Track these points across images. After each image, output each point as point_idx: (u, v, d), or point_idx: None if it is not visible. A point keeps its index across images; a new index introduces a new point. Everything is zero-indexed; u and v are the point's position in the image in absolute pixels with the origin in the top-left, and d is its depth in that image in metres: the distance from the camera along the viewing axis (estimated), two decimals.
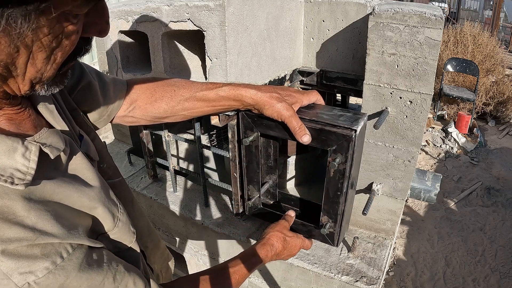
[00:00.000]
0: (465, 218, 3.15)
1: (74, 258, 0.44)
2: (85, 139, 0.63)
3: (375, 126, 0.98)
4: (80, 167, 0.53)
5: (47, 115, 0.53)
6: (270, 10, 1.13)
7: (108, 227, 0.54)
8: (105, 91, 0.75)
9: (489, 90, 4.72)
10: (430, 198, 1.24)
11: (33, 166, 0.42)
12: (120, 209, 0.57)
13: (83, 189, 0.50)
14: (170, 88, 0.81)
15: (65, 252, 0.43)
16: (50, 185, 0.45)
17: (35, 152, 0.43)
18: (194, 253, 1.50)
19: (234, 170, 1.18)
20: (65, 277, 0.42)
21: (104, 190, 0.55)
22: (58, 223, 0.43)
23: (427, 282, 2.56)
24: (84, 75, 0.71)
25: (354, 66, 1.28)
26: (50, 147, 0.46)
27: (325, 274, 1.13)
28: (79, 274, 0.44)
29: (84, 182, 0.52)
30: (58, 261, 0.42)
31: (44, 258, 0.41)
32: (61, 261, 0.42)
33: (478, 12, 10.50)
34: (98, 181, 0.54)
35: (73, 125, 0.62)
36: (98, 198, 0.52)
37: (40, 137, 0.45)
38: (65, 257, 0.43)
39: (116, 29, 1.22)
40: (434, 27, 0.91)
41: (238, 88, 0.79)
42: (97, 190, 0.53)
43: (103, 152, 0.72)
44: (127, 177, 1.63)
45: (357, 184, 1.13)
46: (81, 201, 0.49)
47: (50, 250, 0.42)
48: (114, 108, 0.78)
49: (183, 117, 0.84)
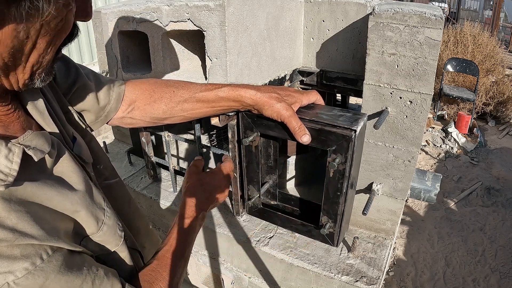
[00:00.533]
0: (465, 218, 3.14)
1: (54, 260, 0.44)
2: (78, 141, 0.63)
3: (375, 126, 0.98)
4: (67, 170, 0.53)
5: (37, 117, 0.54)
6: (270, 10, 1.13)
7: (92, 230, 0.54)
8: (101, 92, 0.75)
9: (489, 90, 4.72)
10: (430, 198, 1.24)
11: (15, 167, 0.42)
12: (107, 212, 0.57)
13: (66, 193, 0.50)
14: (169, 89, 0.81)
15: (45, 253, 0.43)
16: (32, 187, 0.45)
17: (18, 154, 0.43)
18: (194, 253, 1.50)
19: (234, 170, 1.18)
20: (44, 278, 0.43)
21: (89, 194, 0.55)
22: (38, 225, 0.43)
23: (427, 282, 2.56)
24: (79, 76, 0.71)
25: (354, 66, 1.28)
26: (34, 149, 0.46)
27: (325, 274, 1.13)
28: (58, 276, 0.44)
29: (69, 186, 0.52)
30: (37, 262, 0.42)
31: (23, 259, 0.41)
32: (41, 263, 0.43)
33: (478, 12, 10.50)
34: (84, 185, 0.54)
35: (66, 127, 0.62)
36: (82, 202, 0.52)
37: (24, 140, 0.46)
38: (45, 259, 0.43)
39: (116, 29, 1.22)
40: (434, 27, 0.91)
41: (238, 89, 0.78)
42: (81, 194, 0.53)
43: (100, 154, 0.72)
44: (127, 177, 1.63)
45: (357, 184, 1.13)
46: (63, 204, 0.49)
47: (30, 251, 0.42)
48: (111, 109, 0.77)
49: (182, 119, 0.84)
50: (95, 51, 1.62)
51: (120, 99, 0.79)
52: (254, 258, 1.28)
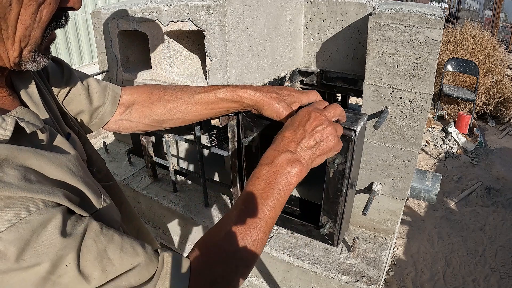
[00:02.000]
0: (465, 218, 3.15)
1: (45, 213, 0.40)
2: (72, 137, 0.63)
3: (375, 126, 0.98)
4: (62, 147, 0.52)
5: (32, 106, 0.55)
6: (270, 10, 1.13)
7: (95, 204, 0.51)
8: (95, 94, 0.75)
9: (489, 90, 4.72)
10: (430, 198, 1.24)
11: (8, 134, 0.43)
12: (102, 194, 0.55)
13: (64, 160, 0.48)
14: (168, 91, 0.81)
15: (34, 206, 0.40)
16: (27, 149, 0.43)
17: (11, 123, 0.44)
18: None
19: (234, 170, 1.18)
20: (31, 231, 0.39)
21: (85, 171, 0.53)
22: (29, 181, 0.40)
23: (427, 282, 2.56)
24: (72, 78, 0.72)
25: (354, 66, 1.28)
26: (26, 122, 0.46)
27: (325, 274, 1.13)
28: (47, 229, 0.40)
29: (66, 156, 0.49)
30: (23, 215, 0.38)
31: (6, 209, 0.38)
32: (27, 215, 0.39)
33: (478, 12, 10.49)
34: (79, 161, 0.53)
35: (61, 124, 0.62)
36: (78, 174, 0.49)
37: (17, 113, 0.48)
38: (33, 212, 0.39)
39: (116, 29, 1.22)
40: (434, 27, 0.90)
41: (237, 89, 0.79)
42: (79, 168, 0.51)
43: (94, 156, 0.72)
44: (127, 177, 1.63)
45: (357, 184, 1.13)
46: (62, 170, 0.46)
47: (15, 202, 0.38)
48: (106, 111, 0.77)
49: (182, 121, 0.84)
50: (95, 51, 1.62)
51: (116, 102, 0.79)
52: None
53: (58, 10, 0.48)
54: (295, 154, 0.60)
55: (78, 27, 4.74)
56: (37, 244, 0.39)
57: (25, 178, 0.40)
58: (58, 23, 0.49)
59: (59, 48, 4.57)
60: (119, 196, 0.80)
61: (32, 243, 0.39)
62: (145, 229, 0.90)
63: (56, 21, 0.49)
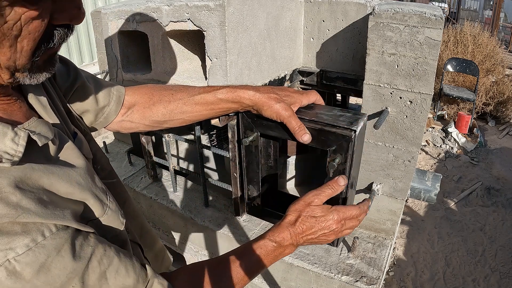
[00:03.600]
0: (465, 218, 3.14)
1: (58, 237, 0.44)
2: (78, 136, 0.63)
3: (375, 126, 0.98)
4: (71, 156, 0.54)
5: (40, 109, 0.55)
6: (270, 10, 1.13)
7: (98, 214, 0.54)
8: (100, 94, 0.76)
9: (489, 90, 4.72)
10: (430, 198, 1.24)
11: (21, 150, 0.44)
12: (109, 197, 0.57)
13: (73, 175, 0.50)
14: (168, 92, 0.82)
15: (48, 231, 0.43)
16: (39, 167, 0.45)
17: (24, 137, 0.45)
18: (194, 253, 1.50)
19: (234, 170, 1.18)
20: (46, 255, 0.42)
21: (93, 178, 0.55)
22: (43, 203, 0.43)
23: (427, 282, 2.56)
24: (78, 77, 0.72)
25: (354, 66, 1.28)
26: (38, 135, 0.47)
27: (325, 274, 1.13)
28: (60, 254, 0.44)
29: (75, 169, 0.52)
30: (39, 239, 0.42)
31: (24, 235, 0.41)
32: (42, 240, 0.42)
33: (478, 12, 10.49)
34: (88, 169, 0.55)
35: (67, 123, 0.63)
36: (87, 186, 0.52)
37: (29, 125, 0.48)
38: (47, 236, 0.43)
39: (116, 29, 1.22)
40: (434, 27, 0.90)
41: (236, 90, 0.79)
42: (86, 177, 0.53)
43: (98, 154, 0.73)
44: (127, 177, 1.63)
45: (357, 184, 1.13)
46: (71, 186, 0.49)
47: (32, 228, 0.42)
48: (111, 111, 0.78)
49: (182, 122, 0.84)
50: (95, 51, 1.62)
51: (121, 102, 0.79)
52: None
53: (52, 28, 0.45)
54: (297, 246, 0.71)
55: (78, 27, 4.74)
56: (51, 267, 0.43)
57: (39, 201, 0.43)
58: (51, 43, 0.46)
59: None
60: (123, 193, 0.80)
61: (46, 265, 0.42)
62: (148, 226, 0.90)
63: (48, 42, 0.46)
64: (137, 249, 0.72)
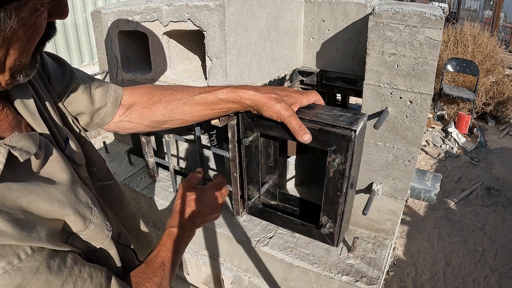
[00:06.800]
0: (465, 218, 3.15)
1: (33, 260, 0.44)
2: (70, 142, 0.63)
3: (375, 126, 0.98)
4: (55, 170, 0.53)
5: (27, 116, 0.54)
6: (270, 10, 1.13)
7: (78, 228, 0.54)
8: (97, 95, 0.75)
9: (489, 90, 4.72)
10: (430, 198, 1.24)
11: (0, 167, 0.44)
12: (95, 212, 0.57)
13: (54, 193, 0.50)
14: (168, 92, 0.81)
15: (24, 253, 0.43)
16: (17, 187, 0.45)
17: (4, 154, 0.45)
18: (194, 253, 1.50)
19: (234, 170, 1.18)
20: (22, 278, 0.43)
21: (76, 193, 0.55)
22: (19, 225, 0.43)
23: (427, 282, 2.56)
24: (74, 78, 0.72)
25: (354, 66, 1.28)
26: (20, 150, 0.47)
27: (325, 274, 1.13)
28: (36, 276, 0.44)
29: (56, 186, 0.52)
30: (15, 262, 0.42)
31: (0, 258, 0.41)
32: (18, 262, 0.43)
33: (478, 12, 10.49)
34: (71, 184, 0.54)
35: (59, 128, 0.62)
36: (68, 202, 0.52)
37: (10, 141, 0.47)
38: (23, 259, 0.43)
39: (116, 29, 1.22)
40: (434, 27, 0.90)
41: (236, 90, 0.79)
42: (68, 193, 0.53)
43: (94, 156, 0.73)
44: (127, 177, 1.63)
45: (357, 184, 1.13)
46: (50, 204, 0.49)
47: (8, 251, 0.42)
48: (107, 112, 0.77)
49: (182, 122, 0.84)
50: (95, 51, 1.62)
51: (118, 103, 0.79)
52: (254, 258, 1.28)
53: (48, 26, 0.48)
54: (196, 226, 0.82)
55: (78, 27, 4.74)
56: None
57: (16, 222, 0.43)
58: (47, 39, 0.50)
59: (59, 48, 4.57)
60: (119, 195, 0.80)
61: (22, 287, 0.43)
62: (145, 227, 0.90)
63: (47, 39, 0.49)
64: (130, 252, 0.72)
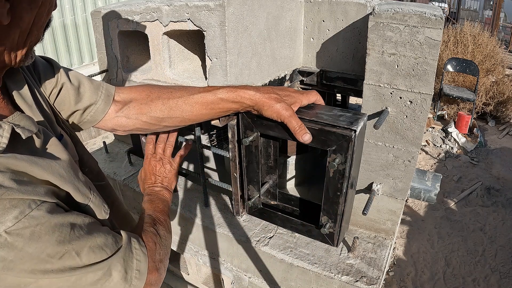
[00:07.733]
0: (465, 218, 3.15)
1: (43, 208, 0.47)
2: (64, 138, 0.64)
3: (375, 126, 0.98)
4: (55, 151, 0.56)
5: (25, 108, 0.57)
6: (270, 10, 1.13)
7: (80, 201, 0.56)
8: (87, 92, 0.76)
9: (489, 90, 4.72)
10: (430, 198, 1.24)
11: (5, 141, 0.46)
12: (93, 192, 0.59)
13: (56, 167, 0.52)
14: (167, 90, 0.81)
15: (34, 203, 0.46)
16: (22, 157, 0.48)
17: (8, 130, 0.47)
18: (194, 253, 1.50)
19: (234, 170, 1.18)
20: (35, 224, 0.45)
21: (76, 173, 0.57)
22: (25, 184, 0.46)
23: (427, 282, 2.56)
24: (63, 77, 0.73)
25: (354, 66, 1.28)
26: (22, 128, 0.49)
27: (325, 274, 1.13)
28: (48, 220, 0.46)
29: (58, 161, 0.54)
30: (26, 211, 0.45)
31: (12, 208, 0.43)
32: (30, 211, 0.45)
33: (478, 12, 10.49)
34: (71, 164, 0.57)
35: (53, 124, 0.64)
36: (68, 178, 0.54)
37: (13, 119, 0.51)
38: (34, 208, 0.45)
39: (116, 29, 1.22)
40: (434, 27, 0.91)
41: (237, 90, 0.78)
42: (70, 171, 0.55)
43: (85, 157, 0.73)
44: (127, 177, 1.63)
45: (357, 184, 1.13)
46: (53, 176, 0.51)
47: (19, 202, 0.44)
48: (98, 109, 0.77)
49: (181, 120, 0.83)
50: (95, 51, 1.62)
51: (110, 100, 0.79)
52: (254, 258, 1.28)
53: None
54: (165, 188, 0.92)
55: (78, 27, 4.74)
56: (41, 234, 0.46)
57: (21, 182, 0.46)
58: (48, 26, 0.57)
59: (59, 48, 4.57)
60: (111, 195, 0.81)
61: (36, 233, 0.45)
62: None
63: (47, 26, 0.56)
64: None
